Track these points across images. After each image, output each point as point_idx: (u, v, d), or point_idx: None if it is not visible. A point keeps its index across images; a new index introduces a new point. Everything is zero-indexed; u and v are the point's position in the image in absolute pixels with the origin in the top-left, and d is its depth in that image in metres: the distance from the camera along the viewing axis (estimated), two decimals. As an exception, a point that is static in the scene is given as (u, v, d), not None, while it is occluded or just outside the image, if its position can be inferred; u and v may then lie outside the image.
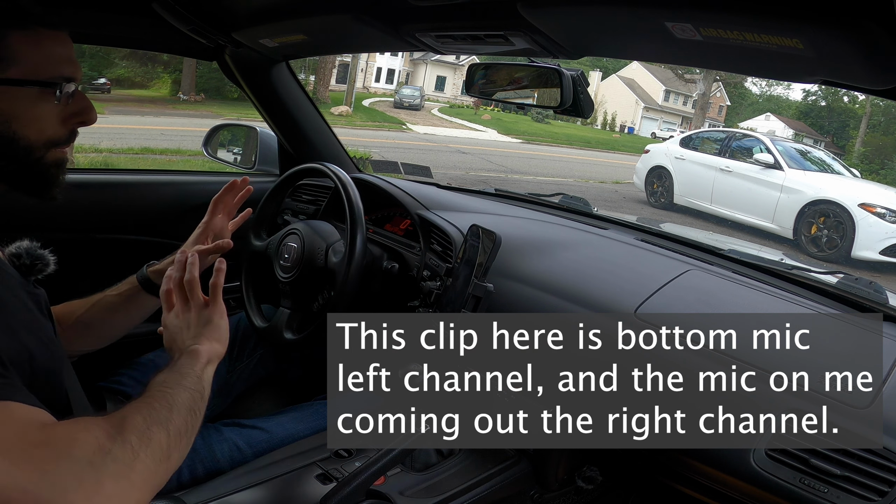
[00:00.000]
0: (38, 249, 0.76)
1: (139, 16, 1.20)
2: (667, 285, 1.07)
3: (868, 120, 23.38)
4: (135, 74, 15.28)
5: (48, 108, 0.68)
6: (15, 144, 0.67)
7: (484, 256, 0.96)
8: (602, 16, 0.75)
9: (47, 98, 0.68)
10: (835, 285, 1.15)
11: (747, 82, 27.05)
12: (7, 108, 0.66)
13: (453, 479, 0.93)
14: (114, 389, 1.02)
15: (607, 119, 25.18)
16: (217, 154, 1.80)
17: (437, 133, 15.74)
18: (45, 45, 0.68)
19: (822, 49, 0.60)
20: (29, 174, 0.70)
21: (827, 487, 0.75)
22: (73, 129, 0.73)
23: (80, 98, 0.72)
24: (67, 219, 1.38)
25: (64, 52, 0.70)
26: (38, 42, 0.67)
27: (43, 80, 0.67)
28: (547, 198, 1.63)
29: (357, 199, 1.14)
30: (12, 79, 0.65)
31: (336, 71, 18.93)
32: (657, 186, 7.90)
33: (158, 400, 0.62)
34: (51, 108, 0.69)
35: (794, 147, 7.55)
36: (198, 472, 0.88)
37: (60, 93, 0.69)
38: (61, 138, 0.71)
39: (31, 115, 0.67)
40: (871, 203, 5.90)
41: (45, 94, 0.68)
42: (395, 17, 0.96)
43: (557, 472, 1.04)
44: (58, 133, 0.70)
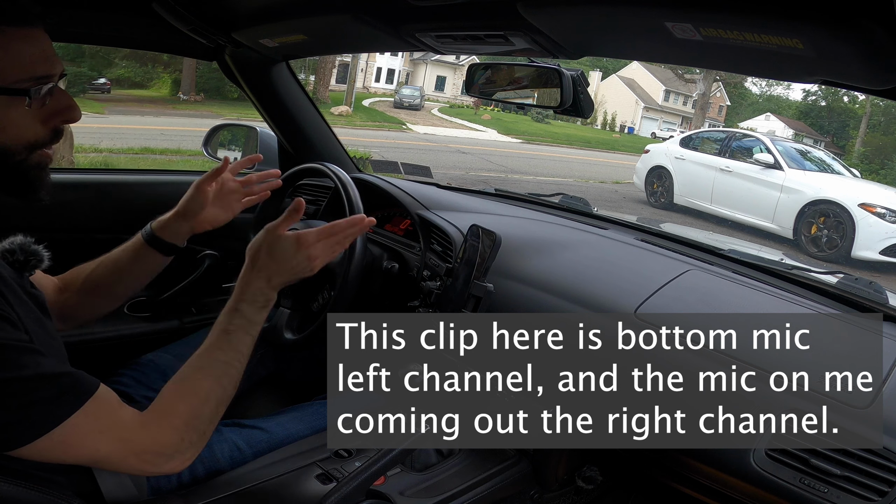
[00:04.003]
0: (32, 245, 0.75)
1: (139, 16, 1.20)
2: (667, 285, 1.07)
3: (868, 120, 23.37)
4: (135, 74, 15.29)
5: (20, 112, 0.65)
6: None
7: (484, 256, 0.96)
8: (602, 16, 0.75)
9: (17, 104, 0.65)
10: (835, 285, 1.14)
11: (747, 82, 27.08)
12: None
13: (453, 479, 0.93)
14: (114, 389, 1.01)
15: (607, 119, 25.17)
16: (217, 154, 1.80)
17: (437, 133, 15.74)
18: (11, 47, 0.63)
19: (822, 49, 0.60)
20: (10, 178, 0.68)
21: (827, 487, 0.75)
22: (56, 127, 0.70)
23: (61, 96, 0.69)
24: (67, 218, 1.38)
25: (35, 51, 0.65)
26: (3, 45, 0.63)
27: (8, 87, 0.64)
28: (547, 198, 1.63)
29: (357, 199, 1.14)
30: None
31: (336, 71, 18.93)
32: (657, 186, 7.90)
33: (230, 356, 0.76)
34: (24, 112, 0.65)
35: (794, 147, 7.55)
36: (198, 472, 0.88)
37: (31, 98, 0.65)
38: (43, 139, 0.68)
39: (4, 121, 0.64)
40: (871, 203, 5.89)
41: (15, 101, 0.65)
42: (395, 17, 0.96)
43: (557, 472, 1.04)
44: (38, 134, 0.68)
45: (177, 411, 0.71)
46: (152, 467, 0.69)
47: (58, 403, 0.62)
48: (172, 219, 0.98)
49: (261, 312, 0.80)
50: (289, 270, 0.81)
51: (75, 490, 0.73)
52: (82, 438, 0.64)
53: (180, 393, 0.72)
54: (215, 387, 0.74)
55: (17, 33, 0.64)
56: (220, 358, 0.75)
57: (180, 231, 0.98)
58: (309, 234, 0.82)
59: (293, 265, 0.81)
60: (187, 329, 1.46)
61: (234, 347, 0.77)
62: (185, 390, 0.73)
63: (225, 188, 1.02)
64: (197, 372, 0.74)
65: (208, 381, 0.74)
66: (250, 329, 0.78)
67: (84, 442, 0.64)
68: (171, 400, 0.72)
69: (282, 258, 0.80)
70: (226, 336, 0.77)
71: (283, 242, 0.81)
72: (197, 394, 0.73)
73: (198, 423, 0.72)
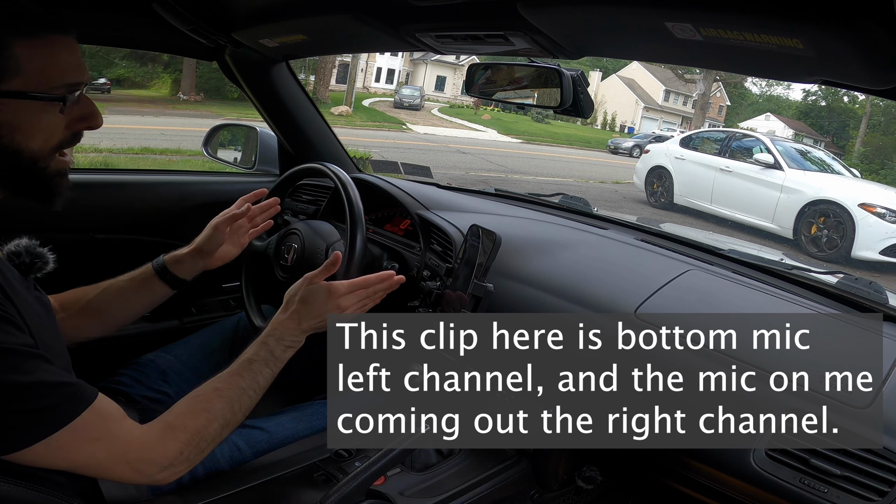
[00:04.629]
0: (38, 248, 0.75)
1: (139, 16, 1.20)
2: (667, 285, 1.07)
3: (868, 120, 23.37)
4: (135, 74, 15.28)
5: (52, 118, 0.67)
6: (19, 156, 0.66)
7: (484, 256, 0.96)
8: (602, 16, 0.75)
9: (52, 109, 0.66)
10: (835, 285, 1.14)
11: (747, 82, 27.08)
12: (10, 120, 0.64)
13: (453, 479, 0.93)
14: (114, 389, 1.02)
15: (607, 119, 25.18)
16: (217, 154, 1.80)
17: (437, 133, 15.74)
18: (51, 53, 0.65)
19: (822, 49, 0.60)
20: (33, 183, 0.69)
21: (827, 487, 0.75)
22: (78, 132, 0.71)
23: (86, 103, 0.70)
24: (67, 219, 1.38)
25: (71, 58, 0.67)
26: (44, 50, 0.65)
27: (48, 94, 0.65)
28: (547, 198, 1.63)
29: (357, 199, 1.14)
30: (16, 90, 0.63)
31: (336, 71, 18.93)
32: (657, 186, 7.90)
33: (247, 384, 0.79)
34: (55, 118, 0.67)
35: (794, 147, 7.55)
36: (198, 472, 0.88)
37: (65, 104, 0.67)
38: (65, 142, 0.70)
39: (35, 127, 0.66)
40: (871, 203, 5.90)
41: (49, 106, 0.66)
42: (395, 17, 0.96)
43: (557, 472, 1.04)
44: (62, 139, 0.69)
45: (185, 426, 0.72)
46: (143, 477, 0.70)
47: (57, 411, 0.62)
48: (188, 255, 1.01)
49: (286, 351, 0.84)
50: (318, 316, 0.85)
51: (76, 490, 0.73)
52: (78, 445, 0.64)
53: (193, 409, 0.74)
54: (226, 410, 0.76)
55: (55, 40, 0.66)
56: (239, 384, 0.78)
57: (194, 268, 1.03)
58: (341, 285, 0.87)
59: (322, 312, 0.85)
60: (187, 329, 1.46)
61: (253, 377, 0.80)
62: (198, 408, 0.74)
63: (234, 225, 1.06)
64: (213, 392, 0.76)
65: (221, 403, 0.75)
66: (272, 364, 0.82)
67: (80, 448, 0.65)
68: (183, 414, 0.73)
69: (313, 305, 0.85)
70: (248, 364, 0.80)
71: (316, 291, 0.86)
72: (208, 412, 0.74)
73: (200, 441, 0.73)
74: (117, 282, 0.98)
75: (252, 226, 1.10)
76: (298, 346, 0.85)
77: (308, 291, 0.86)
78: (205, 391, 0.76)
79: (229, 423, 0.76)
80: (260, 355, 0.81)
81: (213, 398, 0.76)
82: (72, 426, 0.63)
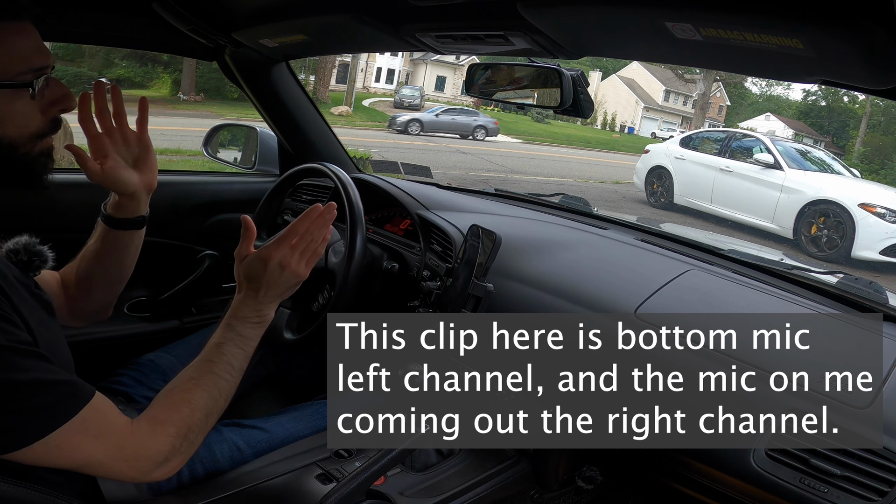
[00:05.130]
0: (37, 245, 0.75)
1: (139, 16, 1.20)
2: (667, 285, 1.07)
3: (868, 120, 23.37)
4: (135, 74, 15.28)
5: (23, 104, 0.67)
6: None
7: (484, 256, 0.96)
8: (602, 16, 0.75)
9: (23, 95, 0.67)
10: (835, 285, 1.14)
11: (747, 82, 27.09)
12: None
13: (453, 479, 0.93)
14: (114, 389, 1.02)
15: (607, 119, 25.17)
16: (217, 154, 1.80)
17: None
18: (9, 41, 0.65)
19: (822, 49, 0.60)
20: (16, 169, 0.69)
21: (827, 487, 0.75)
22: (55, 117, 0.71)
23: (56, 86, 0.71)
24: (68, 218, 1.38)
25: (31, 43, 0.67)
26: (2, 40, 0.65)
27: (14, 81, 0.66)
28: (547, 198, 1.63)
29: (357, 199, 1.14)
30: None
31: (336, 71, 18.93)
32: (657, 186, 7.90)
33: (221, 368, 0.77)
34: (27, 104, 0.68)
35: (794, 147, 7.55)
36: (198, 472, 0.88)
37: (34, 89, 0.67)
38: (45, 130, 0.70)
39: (8, 114, 0.66)
40: (871, 203, 5.90)
41: (18, 93, 0.67)
42: (395, 17, 0.96)
43: (557, 472, 1.04)
44: (40, 125, 0.70)
45: (169, 419, 0.72)
46: (141, 474, 0.70)
47: (55, 410, 0.62)
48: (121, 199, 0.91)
49: (254, 329, 0.81)
50: (268, 285, 0.81)
51: (75, 490, 0.73)
52: (77, 444, 0.64)
53: (172, 402, 0.74)
54: (206, 398, 0.75)
55: (12, 28, 0.66)
56: (212, 369, 0.77)
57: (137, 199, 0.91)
58: (269, 247, 0.81)
59: (270, 280, 0.81)
60: (187, 329, 1.46)
61: (226, 360, 0.78)
62: (177, 400, 0.74)
63: (97, 138, 0.87)
64: (188, 382, 0.75)
65: (199, 392, 0.75)
66: (241, 344, 0.80)
67: (78, 447, 0.65)
68: (163, 408, 0.73)
69: (257, 277, 0.81)
70: (217, 349, 0.79)
71: (251, 263, 0.82)
72: (189, 403, 0.74)
73: (188, 433, 0.73)
74: (87, 248, 0.93)
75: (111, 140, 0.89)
76: (267, 319, 0.82)
77: (245, 266, 0.82)
78: (180, 382, 0.75)
79: (212, 410, 0.75)
80: (227, 337, 0.79)
81: (191, 388, 0.75)
82: (70, 424, 0.63)
